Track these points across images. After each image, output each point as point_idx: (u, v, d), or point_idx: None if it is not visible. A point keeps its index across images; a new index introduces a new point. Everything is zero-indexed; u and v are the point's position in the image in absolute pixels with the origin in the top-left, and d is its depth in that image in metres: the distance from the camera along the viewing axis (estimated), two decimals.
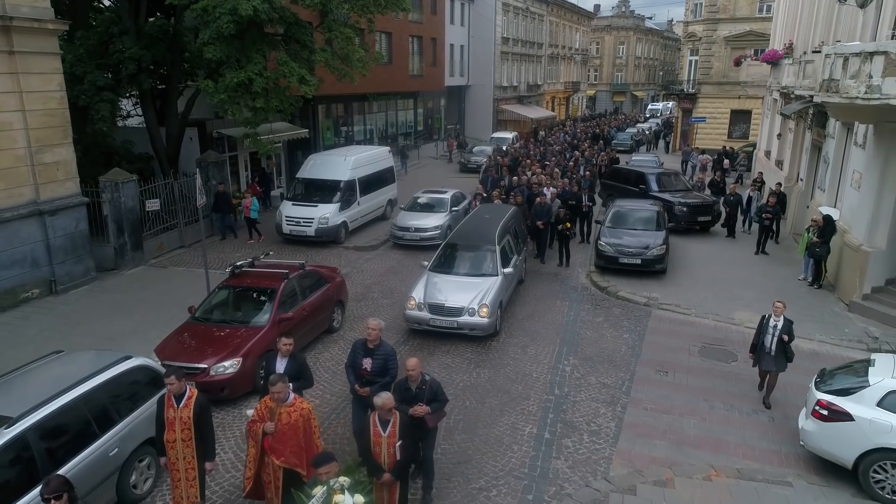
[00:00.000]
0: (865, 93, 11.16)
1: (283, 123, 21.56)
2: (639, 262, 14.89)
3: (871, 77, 11.08)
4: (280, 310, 9.94)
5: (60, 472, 5.89)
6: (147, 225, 16.27)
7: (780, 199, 17.50)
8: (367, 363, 7.28)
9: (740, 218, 18.86)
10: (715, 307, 13.25)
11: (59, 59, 13.10)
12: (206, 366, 8.79)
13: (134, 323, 11.88)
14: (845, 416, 7.16)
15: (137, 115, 20.82)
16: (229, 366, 8.86)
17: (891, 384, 7.09)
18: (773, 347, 8.86)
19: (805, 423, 7.69)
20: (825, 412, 7.31)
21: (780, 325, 8.86)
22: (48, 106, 12.90)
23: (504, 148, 32.61)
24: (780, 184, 19.39)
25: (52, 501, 4.67)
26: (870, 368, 7.55)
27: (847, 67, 11.65)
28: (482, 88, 46.20)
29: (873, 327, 12.09)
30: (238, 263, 10.87)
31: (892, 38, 12.41)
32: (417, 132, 39.64)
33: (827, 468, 7.62)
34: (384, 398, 5.90)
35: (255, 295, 10.38)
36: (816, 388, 7.69)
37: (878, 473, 7.03)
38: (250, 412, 6.39)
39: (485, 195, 18.54)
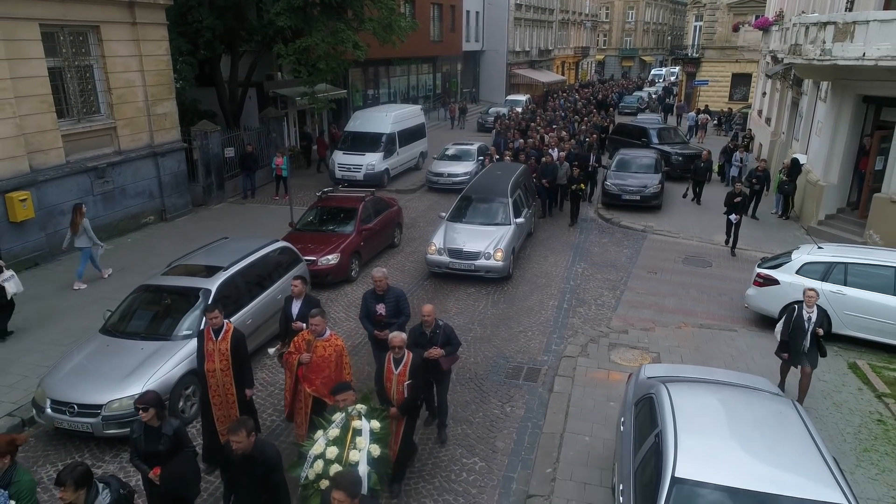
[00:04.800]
0: (820, 55, 13.99)
1: (326, 85, 24.42)
2: (638, 198, 17.95)
3: (824, 42, 13.91)
4: (361, 223, 13.14)
5: (249, 306, 9.12)
6: (225, 170, 19.38)
7: (764, 178, 17.53)
8: (380, 308, 7.70)
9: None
10: (698, 232, 16.35)
11: (165, 28, 16.02)
12: (314, 258, 11.97)
13: None
14: (774, 282, 10.31)
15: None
16: (332, 258, 12.06)
17: (805, 258, 10.24)
18: (809, 343, 7.98)
19: (748, 291, 10.85)
20: (761, 280, 10.47)
21: (814, 316, 7.94)
22: (159, 67, 15.90)
23: (507, 112, 34.82)
24: (764, 160, 20.99)
25: (141, 411, 5.14)
26: (794, 251, 10.69)
27: (808, 34, 14.48)
28: (496, 53, 48.53)
29: None
30: (325, 190, 14.04)
31: (846, 11, 15.17)
32: (436, 95, 42.31)
33: (762, 322, 10.80)
34: (395, 334, 6.35)
35: (340, 212, 13.55)
36: (758, 267, 10.83)
37: None
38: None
39: (498, 157, 20.97)
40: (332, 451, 5.15)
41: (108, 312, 8.54)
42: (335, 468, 4.97)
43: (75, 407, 7.05)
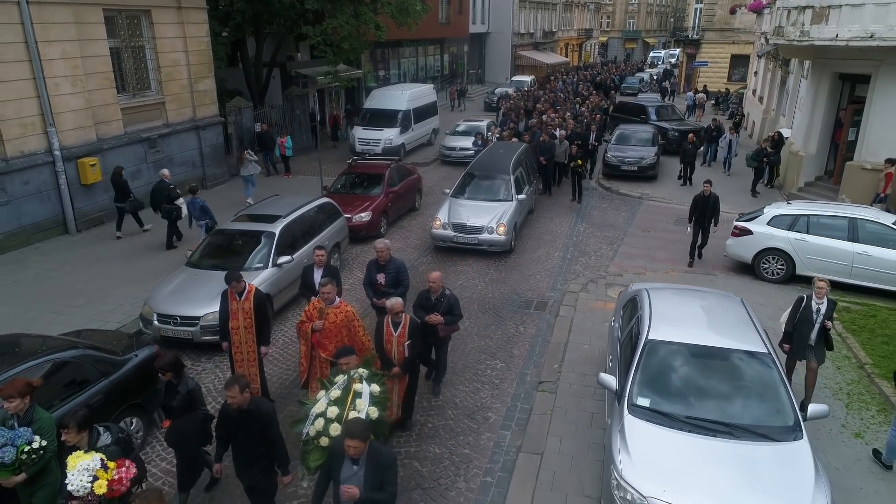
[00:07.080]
0: (799, 36, 15.55)
1: (344, 65, 25.98)
2: (636, 168, 19.61)
3: (803, 24, 15.47)
4: (388, 186, 14.84)
5: (305, 248, 10.80)
6: (255, 144, 21.02)
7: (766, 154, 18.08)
8: (380, 278, 8.11)
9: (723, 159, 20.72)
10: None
11: (206, 12, 17.60)
12: (350, 215, 13.67)
13: None
14: (748, 232, 12.02)
15: None
16: (364, 216, 13.80)
17: (775, 211, 11.96)
18: (817, 337, 7.54)
19: (727, 241, 12.58)
20: (738, 231, 12.19)
21: (823, 308, 7.53)
22: (200, 48, 17.51)
23: (509, 92, 36.21)
24: (766, 139, 22.61)
25: (160, 373, 5.58)
26: (766, 207, 12.40)
27: (790, 17, 16.03)
28: (501, 35, 49.85)
29: None
30: (354, 157, 15.72)
31: None
32: (443, 76, 43.77)
33: (738, 268, 12.53)
34: (394, 301, 6.69)
35: (369, 177, 15.26)
36: (735, 221, 12.54)
37: (765, 264, 11.94)
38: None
39: (499, 136, 22.47)
40: (333, 411, 5.38)
41: (190, 251, 10.31)
42: (335, 427, 5.20)
43: (178, 319, 8.83)
